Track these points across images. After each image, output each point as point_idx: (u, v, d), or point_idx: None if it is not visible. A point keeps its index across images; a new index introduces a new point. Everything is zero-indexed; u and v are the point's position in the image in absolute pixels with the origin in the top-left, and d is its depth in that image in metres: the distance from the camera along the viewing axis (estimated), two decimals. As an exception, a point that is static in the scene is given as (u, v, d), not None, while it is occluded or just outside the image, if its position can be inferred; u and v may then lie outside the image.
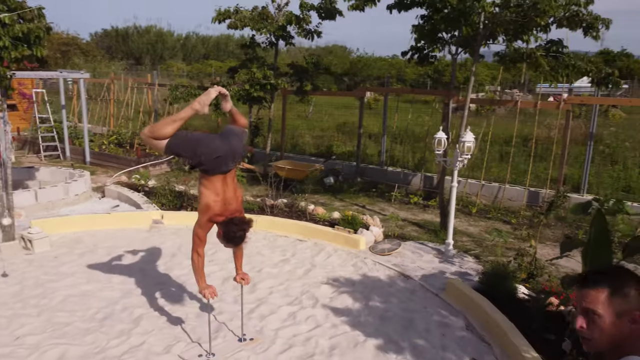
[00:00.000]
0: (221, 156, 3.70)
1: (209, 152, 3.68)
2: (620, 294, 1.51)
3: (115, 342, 4.16)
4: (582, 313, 1.56)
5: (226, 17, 8.37)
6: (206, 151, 3.67)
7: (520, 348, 3.88)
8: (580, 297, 1.57)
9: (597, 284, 1.54)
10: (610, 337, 1.51)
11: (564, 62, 6.26)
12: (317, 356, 4.01)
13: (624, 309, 1.50)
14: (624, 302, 1.50)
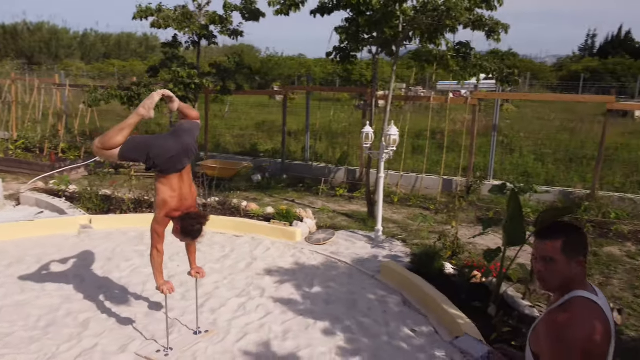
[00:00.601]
0: (174, 155, 3.81)
1: (162, 154, 3.76)
2: (570, 243, 1.92)
3: (66, 347, 4.10)
4: (540, 260, 1.95)
5: (148, 14, 8.25)
6: (159, 153, 3.76)
7: (454, 316, 4.39)
8: (538, 247, 1.96)
9: (553, 236, 1.94)
10: (561, 278, 1.91)
11: (471, 63, 6.96)
12: (272, 341, 4.24)
13: (572, 256, 1.91)
14: (573, 250, 1.91)
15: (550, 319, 1.83)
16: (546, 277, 1.93)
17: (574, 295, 1.85)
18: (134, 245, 6.42)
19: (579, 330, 1.75)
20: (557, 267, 1.90)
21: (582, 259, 1.91)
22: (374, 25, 6.40)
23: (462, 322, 4.29)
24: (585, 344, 1.73)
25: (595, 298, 1.85)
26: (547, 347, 1.79)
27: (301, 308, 4.82)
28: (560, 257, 1.89)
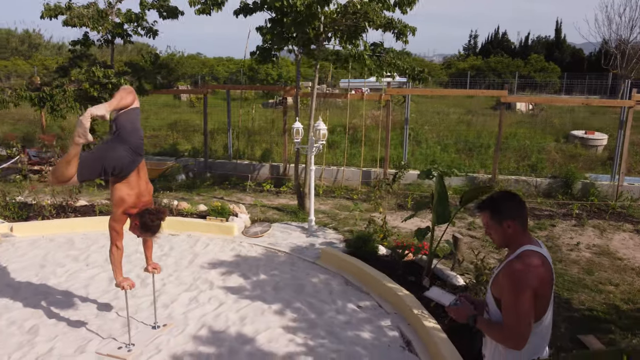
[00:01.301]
0: (129, 160, 3.86)
1: (118, 164, 3.80)
2: (496, 212, 2.39)
3: (18, 355, 4.01)
4: (485, 227, 2.44)
5: (58, 13, 7.89)
6: (114, 164, 3.78)
7: (394, 289, 4.88)
8: (481, 218, 2.44)
9: (482, 209, 2.42)
10: (502, 239, 2.38)
11: (386, 61, 7.55)
12: (231, 327, 4.45)
13: (500, 220, 2.38)
14: (499, 216, 2.38)
15: (509, 268, 2.30)
16: (493, 238, 2.43)
17: (523, 249, 2.34)
18: (65, 251, 6.22)
19: (531, 274, 2.23)
20: (494, 231, 2.39)
21: (511, 221, 2.37)
22: (298, 25, 6.74)
23: (402, 293, 4.79)
24: (536, 285, 2.22)
25: (540, 249, 2.36)
26: (507, 290, 2.26)
27: (252, 296, 5.06)
28: (492, 223, 2.38)
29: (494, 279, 2.40)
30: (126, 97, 3.94)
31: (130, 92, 4.00)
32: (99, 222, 7.00)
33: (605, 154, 12.39)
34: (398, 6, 6.98)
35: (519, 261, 2.28)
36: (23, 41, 54.51)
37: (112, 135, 4.00)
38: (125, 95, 3.94)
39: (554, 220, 7.51)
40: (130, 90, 4.01)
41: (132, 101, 3.99)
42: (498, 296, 2.35)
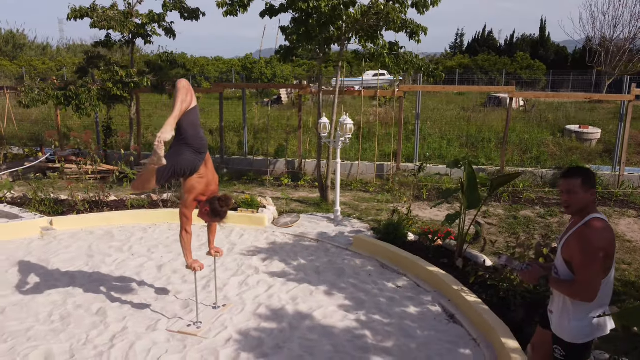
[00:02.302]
0: (196, 160, 4.18)
1: (189, 166, 4.13)
2: (586, 180, 2.78)
3: (95, 333, 4.32)
4: (565, 193, 2.81)
5: (83, 14, 8.13)
6: (184, 167, 4.10)
7: (431, 270, 5.28)
8: (564, 183, 2.81)
9: (574, 175, 2.79)
10: (581, 204, 2.76)
11: (403, 59, 7.95)
12: (286, 306, 4.80)
13: (587, 188, 2.77)
14: (588, 185, 2.77)
15: (582, 233, 2.69)
16: (571, 204, 2.80)
17: (592, 217, 2.73)
18: (107, 243, 6.50)
19: (601, 238, 2.63)
20: (577, 197, 2.77)
21: (594, 191, 2.79)
22: (322, 26, 7.10)
23: (439, 273, 5.20)
24: (605, 247, 2.62)
25: (604, 217, 2.76)
26: (580, 252, 2.65)
27: (297, 279, 5.42)
28: (579, 189, 2.77)
29: (564, 244, 2.79)
30: (185, 98, 4.04)
31: (188, 91, 4.10)
32: (133, 216, 7.30)
33: (600, 146, 12.96)
34: (415, 7, 7.37)
35: (591, 226, 2.68)
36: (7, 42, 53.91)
37: (178, 140, 4.14)
38: (185, 97, 4.03)
39: (562, 207, 7.98)
40: (188, 87, 4.11)
41: (191, 100, 4.12)
42: (569, 259, 2.74)
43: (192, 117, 4.13)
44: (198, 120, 4.25)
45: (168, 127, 3.89)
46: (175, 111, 3.97)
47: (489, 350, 4.05)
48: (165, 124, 3.91)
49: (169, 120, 3.93)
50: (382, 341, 4.20)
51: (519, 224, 7.30)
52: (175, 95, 4.08)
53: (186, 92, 4.05)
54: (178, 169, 4.09)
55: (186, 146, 4.10)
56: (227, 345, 4.14)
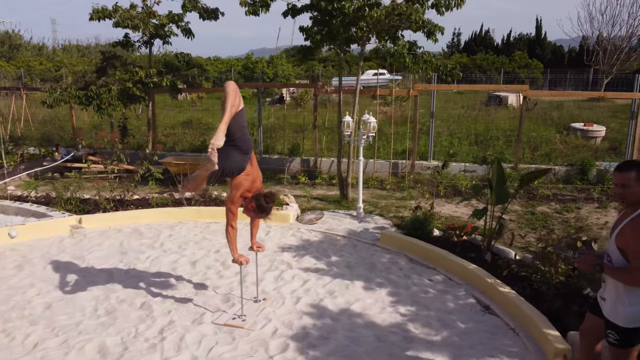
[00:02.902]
0: (243, 159, 4.31)
1: (236, 167, 4.25)
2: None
3: (144, 326, 4.44)
4: (620, 186, 2.95)
5: (106, 15, 8.22)
6: (233, 168, 4.21)
7: (461, 264, 5.43)
8: (619, 177, 2.95)
9: (628, 169, 2.93)
10: (635, 197, 2.90)
11: (422, 59, 8.10)
12: (324, 300, 4.94)
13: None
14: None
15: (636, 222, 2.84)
16: (626, 197, 2.94)
17: None
18: (137, 240, 6.61)
19: None
20: (632, 189, 2.91)
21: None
22: (345, 26, 7.24)
23: (471, 267, 5.35)
24: None
25: None
26: (633, 240, 2.80)
27: (331, 273, 5.55)
28: (634, 182, 2.91)
29: (618, 233, 2.94)
30: (234, 101, 4.08)
31: (237, 93, 4.16)
32: (159, 214, 7.41)
33: (605, 144, 13.18)
34: (435, 8, 7.51)
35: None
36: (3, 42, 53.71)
37: (227, 143, 4.13)
38: (234, 100, 4.06)
39: (577, 203, 8.17)
40: (236, 90, 4.17)
41: (239, 102, 4.18)
42: (623, 247, 2.89)
43: (240, 119, 4.22)
44: (245, 122, 4.35)
45: (220, 134, 3.97)
46: (225, 116, 4.03)
47: (528, 339, 4.20)
48: (218, 130, 4.00)
49: (220, 126, 4.01)
50: (424, 331, 4.35)
51: (537, 220, 7.46)
52: (224, 98, 4.11)
53: (235, 95, 4.11)
54: (227, 171, 4.20)
55: (235, 148, 4.19)
56: (275, 336, 4.27)
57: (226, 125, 4.02)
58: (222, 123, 4.02)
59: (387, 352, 4.03)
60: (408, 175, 9.42)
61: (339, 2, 7.02)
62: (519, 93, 23.92)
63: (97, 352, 4.06)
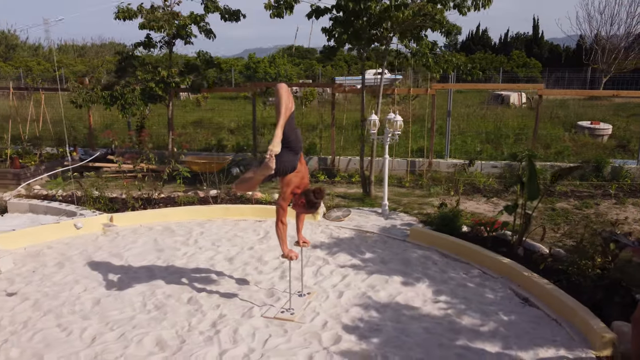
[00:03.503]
0: (295, 160, 4.44)
1: (289, 166, 4.38)
2: None
3: (196, 320, 4.55)
4: None
5: (132, 15, 8.31)
6: (285, 168, 4.34)
7: (495, 258, 5.57)
8: None
9: None
10: None
11: (443, 58, 8.25)
12: (367, 293, 5.06)
13: None
14: None
15: None
16: None
17: None
18: (170, 237, 6.71)
19: None
20: None
21: None
22: (372, 26, 7.37)
23: (505, 261, 5.49)
24: None
25: None
26: None
27: (368, 268, 5.68)
28: None
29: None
30: (288, 104, 4.15)
31: (290, 95, 4.24)
32: (188, 212, 7.51)
33: (612, 142, 13.38)
34: (457, 8, 7.66)
35: None
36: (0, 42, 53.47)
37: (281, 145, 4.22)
38: (288, 103, 4.13)
39: (595, 199, 8.35)
40: (289, 92, 4.25)
41: (292, 104, 4.27)
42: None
43: (292, 121, 4.32)
44: (294, 123, 4.46)
45: (277, 139, 4.08)
46: (281, 120, 4.12)
47: (571, 329, 4.34)
48: (275, 135, 4.09)
49: (277, 131, 4.10)
50: (469, 323, 4.48)
51: (558, 216, 7.62)
52: (277, 101, 4.18)
53: (288, 97, 4.19)
54: (281, 171, 4.32)
55: (288, 150, 4.29)
56: (325, 329, 4.39)
57: (282, 129, 4.12)
58: (278, 127, 4.12)
59: (437, 343, 4.16)
60: (425, 173, 9.57)
61: (365, 2, 7.15)
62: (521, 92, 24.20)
63: (155, 344, 4.17)
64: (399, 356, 3.95)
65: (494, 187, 8.84)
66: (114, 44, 53.36)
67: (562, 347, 4.12)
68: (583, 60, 32.59)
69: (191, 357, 3.95)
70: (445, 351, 4.04)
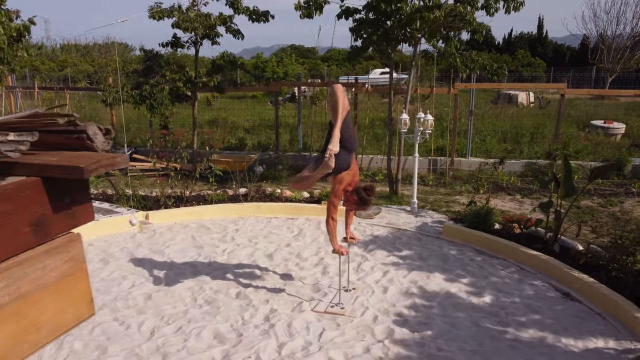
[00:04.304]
0: (350, 158, 4.55)
1: (344, 165, 4.49)
2: None
3: (248, 315, 4.66)
4: None
5: (165, 15, 8.42)
6: (341, 166, 4.45)
7: (532, 254, 5.69)
8: None
9: None
10: None
11: (470, 58, 8.35)
12: (411, 289, 5.18)
13: None
14: None
15: None
16: None
17: None
18: (206, 234, 6.82)
19: None
20: None
21: None
22: (403, 27, 7.48)
23: (541, 257, 5.61)
24: None
25: None
26: None
27: (407, 264, 5.80)
28: None
29: None
30: (344, 103, 4.25)
31: (345, 94, 4.35)
32: (220, 209, 7.63)
33: (625, 140, 13.50)
34: (485, 9, 7.77)
35: None
36: (4, 42, 53.58)
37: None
38: (343, 103, 4.27)
39: (619, 197, 8.47)
40: (344, 92, 4.40)
41: (347, 104, 4.38)
42: None
43: (347, 121, 4.44)
44: (349, 122, 4.58)
45: (336, 139, 4.20)
46: (338, 121, 4.23)
47: (617, 322, 4.46)
48: (333, 136, 4.20)
49: (335, 132, 4.22)
50: (515, 316, 4.60)
51: (584, 213, 7.74)
52: (334, 102, 4.28)
53: (344, 97, 4.31)
54: (336, 169, 4.44)
55: (343, 149, 4.41)
56: (377, 322, 4.51)
57: (339, 129, 4.24)
58: (336, 128, 4.24)
59: (489, 335, 4.28)
60: (448, 172, 9.68)
61: (396, 3, 7.26)
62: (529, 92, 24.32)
63: (214, 338, 4.28)
64: (454, 347, 4.07)
65: (517, 185, 8.97)
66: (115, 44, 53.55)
67: (609, 339, 4.24)
68: (589, 59, 32.71)
69: (251, 350, 4.06)
70: (497, 343, 4.16)
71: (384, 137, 12.49)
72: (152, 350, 4.08)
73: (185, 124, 15.67)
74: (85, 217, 1.06)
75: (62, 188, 0.93)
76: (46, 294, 0.87)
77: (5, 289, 0.79)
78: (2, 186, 0.80)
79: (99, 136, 0.98)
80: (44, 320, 0.87)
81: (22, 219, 0.84)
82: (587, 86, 34.64)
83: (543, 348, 4.10)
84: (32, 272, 0.85)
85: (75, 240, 1.04)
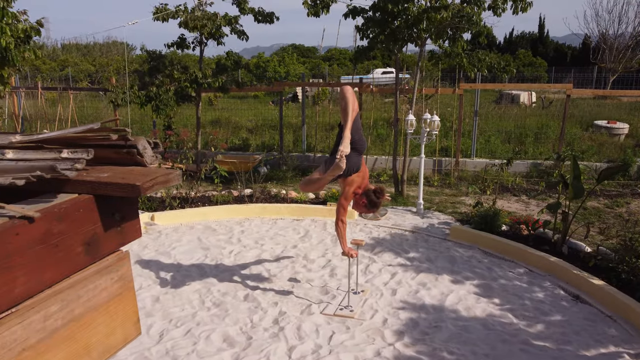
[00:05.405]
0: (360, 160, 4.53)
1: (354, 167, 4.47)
2: None
3: (257, 317, 4.64)
4: None
5: (170, 16, 8.40)
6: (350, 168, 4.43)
7: (541, 256, 5.66)
8: None
9: None
10: None
11: (477, 57, 8.32)
12: (420, 291, 5.15)
13: None
14: None
15: None
16: None
17: None
18: (212, 236, 6.80)
19: None
20: None
21: None
22: (410, 27, 7.46)
23: (550, 259, 5.58)
24: None
25: None
26: None
27: (415, 266, 5.77)
28: None
29: None
30: (354, 105, 4.26)
31: (354, 96, 4.34)
32: (226, 210, 7.61)
33: (629, 141, 13.47)
34: (492, 9, 7.74)
35: None
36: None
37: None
38: (353, 104, 4.26)
39: (625, 198, 8.45)
40: (353, 94, 4.35)
41: (357, 105, 4.38)
42: None
43: (357, 123, 4.43)
44: (360, 123, 4.56)
45: (347, 141, 4.17)
46: (348, 122, 4.21)
47: (628, 325, 4.43)
48: (344, 137, 4.18)
49: (346, 133, 4.19)
50: (526, 319, 4.58)
51: (590, 215, 7.72)
52: (344, 104, 4.26)
53: (354, 99, 4.29)
54: (346, 171, 4.41)
55: (353, 150, 4.38)
56: (386, 325, 4.48)
57: (350, 130, 4.22)
58: (346, 129, 4.21)
59: (500, 339, 4.25)
60: (453, 173, 9.66)
61: (403, 4, 7.23)
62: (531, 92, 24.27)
63: (223, 341, 4.26)
64: (466, 351, 4.05)
65: (523, 186, 8.94)
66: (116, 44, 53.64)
67: (621, 342, 4.21)
68: (590, 59, 32.69)
69: (261, 353, 4.04)
70: (509, 346, 4.13)
71: (387, 138, 12.49)
72: (162, 354, 4.05)
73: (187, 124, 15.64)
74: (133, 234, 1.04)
75: (113, 205, 0.91)
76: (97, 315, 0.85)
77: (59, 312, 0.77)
78: (57, 205, 0.78)
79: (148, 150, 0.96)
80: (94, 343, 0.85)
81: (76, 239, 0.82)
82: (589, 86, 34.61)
83: (555, 352, 4.07)
84: (85, 293, 0.82)
85: (124, 258, 1.02)
